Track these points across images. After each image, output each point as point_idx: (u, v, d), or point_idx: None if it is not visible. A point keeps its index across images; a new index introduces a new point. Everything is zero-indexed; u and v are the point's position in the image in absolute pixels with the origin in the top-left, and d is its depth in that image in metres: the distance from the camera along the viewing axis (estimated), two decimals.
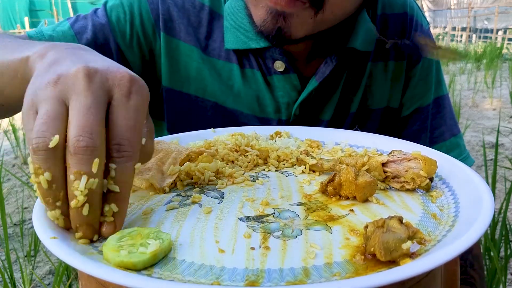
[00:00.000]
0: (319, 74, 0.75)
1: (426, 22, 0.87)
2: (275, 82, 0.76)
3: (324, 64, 0.75)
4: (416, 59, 0.83)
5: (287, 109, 0.77)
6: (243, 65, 0.77)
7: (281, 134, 0.69)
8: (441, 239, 0.38)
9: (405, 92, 0.84)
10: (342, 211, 0.45)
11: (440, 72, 0.87)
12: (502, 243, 1.55)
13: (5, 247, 1.45)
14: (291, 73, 0.75)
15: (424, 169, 0.48)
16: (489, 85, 5.47)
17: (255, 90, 0.77)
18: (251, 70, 0.76)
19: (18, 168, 3.08)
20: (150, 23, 0.77)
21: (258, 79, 0.76)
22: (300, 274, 0.34)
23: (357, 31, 0.76)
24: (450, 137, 0.84)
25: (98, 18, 0.76)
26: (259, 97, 0.77)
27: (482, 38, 13.76)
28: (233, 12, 0.75)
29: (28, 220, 2.23)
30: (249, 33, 0.73)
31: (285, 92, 0.76)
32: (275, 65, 0.75)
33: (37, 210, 0.41)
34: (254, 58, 0.76)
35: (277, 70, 0.75)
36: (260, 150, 0.60)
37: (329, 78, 0.77)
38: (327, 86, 0.78)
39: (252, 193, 0.50)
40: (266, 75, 0.77)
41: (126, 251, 0.35)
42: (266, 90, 0.77)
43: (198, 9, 0.77)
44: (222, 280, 0.33)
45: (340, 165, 0.54)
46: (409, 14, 0.83)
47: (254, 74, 0.76)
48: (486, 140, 3.45)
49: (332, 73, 0.76)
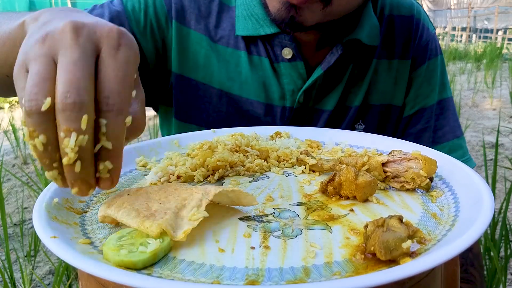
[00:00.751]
0: (324, 63, 0.77)
1: (432, 27, 0.89)
2: (282, 69, 0.78)
3: (330, 53, 0.78)
4: (421, 60, 0.84)
5: (292, 96, 0.79)
6: (251, 52, 0.79)
7: (281, 134, 0.69)
8: (441, 238, 0.38)
9: (409, 92, 0.85)
10: (343, 210, 0.45)
11: (445, 75, 0.88)
12: (502, 243, 1.55)
13: (5, 247, 1.45)
14: (298, 61, 0.77)
15: (424, 169, 0.48)
16: (489, 85, 5.47)
17: (262, 77, 0.79)
18: (258, 57, 0.79)
19: (18, 168, 3.08)
20: (163, 12, 0.80)
21: (266, 66, 0.79)
22: (300, 273, 0.34)
23: (362, 24, 0.78)
24: (453, 139, 0.85)
25: (114, 6, 0.79)
26: (265, 83, 0.80)
27: (482, 38, 13.76)
28: (245, 2, 0.78)
29: (28, 220, 2.23)
30: (260, 21, 0.77)
31: (291, 79, 0.78)
32: (283, 52, 0.77)
33: (37, 210, 0.41)
34: (263, 45, 0.79)
35: (284, 57, 0.78)
36: (260, 150, 0.60)
37: (334, 68, 0.79)
38: (332, 76, 0.80)
39: (253, 193, 0.50)
40: (273, 62, 0.79)
41: (126, 250, 0.35)
42: (272, 77, 0.79)
43: (209, 0, 0.81)
44: (222, 279, 0.33)
45: (340, 165, 0.54)
46: (416, 18, 0.85)
47: (262, 61, 0.79)
48: (486, 140, 3.45)
49: (337, 63, 0.79)
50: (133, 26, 0.78)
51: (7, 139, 3.41)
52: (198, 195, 0.41)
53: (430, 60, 0.85)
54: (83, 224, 0.43)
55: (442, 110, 0.86)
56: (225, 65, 0.80)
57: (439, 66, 0.87)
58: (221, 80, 0.80)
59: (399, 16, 0.84)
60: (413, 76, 0.84)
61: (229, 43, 0.80)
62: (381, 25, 0.83)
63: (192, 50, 0.80)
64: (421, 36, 0.85)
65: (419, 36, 0.85)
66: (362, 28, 0.78)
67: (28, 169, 3.06)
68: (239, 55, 0.80)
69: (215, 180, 0.54)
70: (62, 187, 0.39)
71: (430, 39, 0.86)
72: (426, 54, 0.85)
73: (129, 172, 0.58)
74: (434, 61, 0.86)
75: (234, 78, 0.80)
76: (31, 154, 3.18)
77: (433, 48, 0.86)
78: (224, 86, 0.81)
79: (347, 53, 0.80)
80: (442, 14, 17.43)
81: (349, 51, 0.79)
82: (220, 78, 0.80)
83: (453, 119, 0.87)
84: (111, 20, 0.77)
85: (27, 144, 3.46)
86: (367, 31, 0.78)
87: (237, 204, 0.45)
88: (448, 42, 12.20)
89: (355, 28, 0.78)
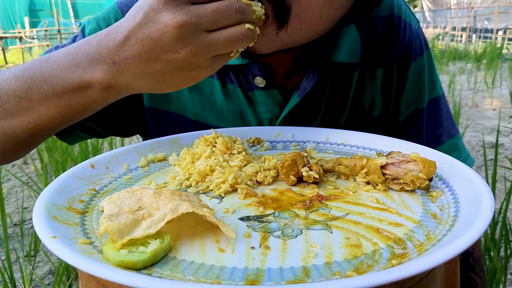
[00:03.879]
0: (301, 90, 0.73)
1: (416, 21, 0.84)
2: (257, 97, 0.74)
3: (306, 79, 0.73)
4: (407, 62, 0.80)
5: (270, 125, 0.75)
6: (225, 81, 0.75)
7: (262, 142, 0.68)
8: (441, 238, 0.38)
9: (399, 98, 0.81)
10: (342, 211, 0.45)
11: (434, 72, 0.84)
12: (502, 243, 1.55)
13: (5, 247, 1.45)
14: (273, 89, 0.73)
15: (423, 171, 0.48)
16: (489, 85, 5.48)
17: (238, 105, 0.76)
18: (232, 85, 0.75)
19: (18, 168, 3.08)
20: None
21: (240, 95, 0.75)
22: (300, 273, 0.34)
23: (340, 43, 0.73)
24: (448, 139, 0.82)
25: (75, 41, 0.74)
26: (242, 112, 0.76)
27: (482, 38, 13.76)
28: None
29: (28, 220, 2.23)
30: None
31: (267, 107, 0.74)
32: (256, 80, 0.73)
33: (37, 210, 0.41)
34: (234, 74, 0.75)
35: (258, 85, 0.73)
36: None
37: (311, 92, 0.74)
38: (310, 100, 0.76)
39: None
40: (247, 91, 0.75)
41: (126, 250, 0.35)
42: (248, 106, 0.75)
43: None
44: (222, 279, 0.33)
45: (339, 166, 0.54)
46: (396, 15, 0.79)
47: (236, 89, 0.75)
48: (486, 140, 3.45)
49: (314, 87, 0.74)
50: None
51: None
52: (166, 209, 0.39)
53: (416, 60, 0.80)
54: (83, 224, 0.43)
55: (434, 111, 0.82)
56: (198, 95, 0.76)
57: (426, 63, 0.82)
58: (196, 111, 0.77)
59: (379, 17, 0.79)
60: (401, 81, 0.80)
61: None
62: (361, 32, 0.77)
63: None
64: (403, 36, 0.79)
65: (402, 36, 0.79)
66: (340, 48, 0.73)
67: (28, 169, 3.06)
68: (212, 84, 0.76)
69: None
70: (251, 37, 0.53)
71: (413, 37, 0.80)
72: (411, 55, 0.80)
73: (129, 172, 0.58)
74: (420, 60, 0.81)
75: (209, 108, 0.76)
76: (31, 154, 3.18)
77: (417, 47, 0.81)
78: (200, 117, 0.77)
79: (324, 76, 0.75)
80: (442, 14, 17.43)
81: (326, 74, 0.74)
82: (194, 109, 0.77)
83: (446, 118, 0.83)
84: None
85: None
86: (346, 50, 0.73)
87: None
88: (448, 42, 12.19)
89: (332, 50, 0.72)
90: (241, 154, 0.57)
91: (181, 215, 0.39)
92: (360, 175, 0.51)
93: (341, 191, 0.50)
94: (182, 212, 0.39)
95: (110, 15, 0.76)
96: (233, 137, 0.60)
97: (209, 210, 0.40)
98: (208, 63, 0.53)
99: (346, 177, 0.54)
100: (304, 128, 0.70)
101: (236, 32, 0.52)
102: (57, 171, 2.35)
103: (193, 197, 0.43)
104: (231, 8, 0.51)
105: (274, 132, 0.70)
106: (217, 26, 0.51)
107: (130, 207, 0.40)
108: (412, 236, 0.39)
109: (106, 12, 0.77)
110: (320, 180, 0.52)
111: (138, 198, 0.42)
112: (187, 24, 0.49)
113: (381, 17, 0.79)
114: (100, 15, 0.77)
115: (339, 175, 0.55)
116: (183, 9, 0.49)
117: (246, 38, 0.52)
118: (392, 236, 0.40)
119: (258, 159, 0.57)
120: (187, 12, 0.49)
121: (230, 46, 0.52)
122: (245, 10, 0.52)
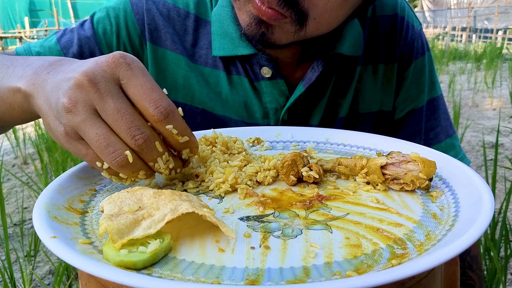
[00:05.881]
0: (306, 80, 0.75)
1: (418, 22, 0.86)
2: (263, 87, 0.76)
3: (311, 69, 0.75)
4: (408, 61, 0.82)
5: (275, 114, 0.77)
6: (230, 72, 0.77)
7: (262, 142, 0.68)
8: (441, 238, 0.38)
9: (398, 95, 0.83)
10: (341, 211, 0.45)
11: (434, 73, 0.86)
12: (502, 243, 1.55)
13: (5, 247, 1.45)
14: (278, 79, 0.75)
15: (423, 171, 0.48)
16: (489, 85, 5.48)
17: (243, 96, 0.77)
18: (238, 76, 0.76)
19: (18, 168, 3.08)
20: (136, 34, 0.77)
21: (246, 85, 0.76)
22: (300, 273, 0.34)
23: (345, 36, 0.75)
24: (445, 139, 0.83)
25: (84, 31, 0.76)
26: (247, 103, 0.77)
27: (482, 38, 13.76)
28: (219, 19, 0.75)
29: (28, 220, 2.23)
30: (235, 40, 0.74)
31: (273, 97, 0.76)
32: (262, 71, 0.75)
33: (37, 210, 0.41)
34: (241, 64, 0.76)
35: (264, 76, 0.75)
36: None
37: (316, 83, 0.76)
38: (315, 91, 0.78)
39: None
40: (253, 81, 0.77)
41: (126, 250, 0.35)
42: (253, 96, 0.77)
43: (183, 17, 0.78)
44: (222, 279, 0.33)
45: (339, 166, 0.54)
46: (400, 16, 0.82)
47: (241, 80, 0.77)
48: (486, 140, 3.45)
49: (319, 78, 0.76)
50: (105, 51, 0.76)
51: (7, 139, 3.41)
52: (166, 209, 0.39)
53: (417, 60, 0.82)
54: (83, 224, 0.43)
55: (433, 110, 0.84)
56: (206, 85, 0.78)
57: (427, 64, 0.84)
58: (203, 100, 0.78)
59: (383, 16, 0.81)
60: (401, 79, 0.82)
61: (208, 63, 0.77)
62: (364, 29, 0.80)
63: (170, 70, 0.78)
64: (406, 35, 0.82)
65: (404, 35, 0.82)
66: (344, 40, 0.75)
67: (28, 169, 3.06)
68: (218, 75, 0.77)
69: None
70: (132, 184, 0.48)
71: (415, 37, 0.83)
72: (412, 54, 0.82)
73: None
74: (421, 60, 0.83)
75: (215, 98, 0.78)
76: (31, 154, 3.18)
77: (419, 47, 0.83)
78: (207, 106, 0.79)
79: (328, 67, 0.77)
80: (442, 14, 17.43)
81: (330, 65, 0.77)
82: (201, 98, 0.78)
83: (444, 118, 0.84)
84: (80, 48, 0.75)
85: (27, 144, 3.46)
86: (349, 43, 0.75)
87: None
88: (448, 42, 12.19)
89: (337, 41, 0.74)
90: (241, 154, 0.57)
91: (181, 215, 0.39)
92: (360, 175, 0.51)
93: (341, 191, 0.50)
94: (182, 212, 0.39)
95: (120, 6, 0.78)
96: (233, 137, 0.61)
97: (209, 210, 0.40)
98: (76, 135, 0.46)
99: (346, 177, 0.54)
100: (304, 128, 0.70)
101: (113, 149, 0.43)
102: (57, 171, 2.35)
103: (193, 197, 0.43)
104: (129, 125, 0.43)
105: (274, 132, 0.70)
106: (110, 121, 0.44)
107: (130, 207, 0.40)
108: (412, 236, 0.39)
109: (118, 2, 0.79)
110: (320, 180, 0.52)
111: (138, 198, 0.42)
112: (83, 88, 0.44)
113: (384, 16, 0.81)
114: (111, 5, 0.79)
115: (339, 175, 0.55)
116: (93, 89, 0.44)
117: (116, 163, 0.44)
118: (392, 236, 0.40)
119: (258, 159, 0.57)
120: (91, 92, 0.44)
121: (97, 149, 0.44)
122: (144, 143, 0.44)
